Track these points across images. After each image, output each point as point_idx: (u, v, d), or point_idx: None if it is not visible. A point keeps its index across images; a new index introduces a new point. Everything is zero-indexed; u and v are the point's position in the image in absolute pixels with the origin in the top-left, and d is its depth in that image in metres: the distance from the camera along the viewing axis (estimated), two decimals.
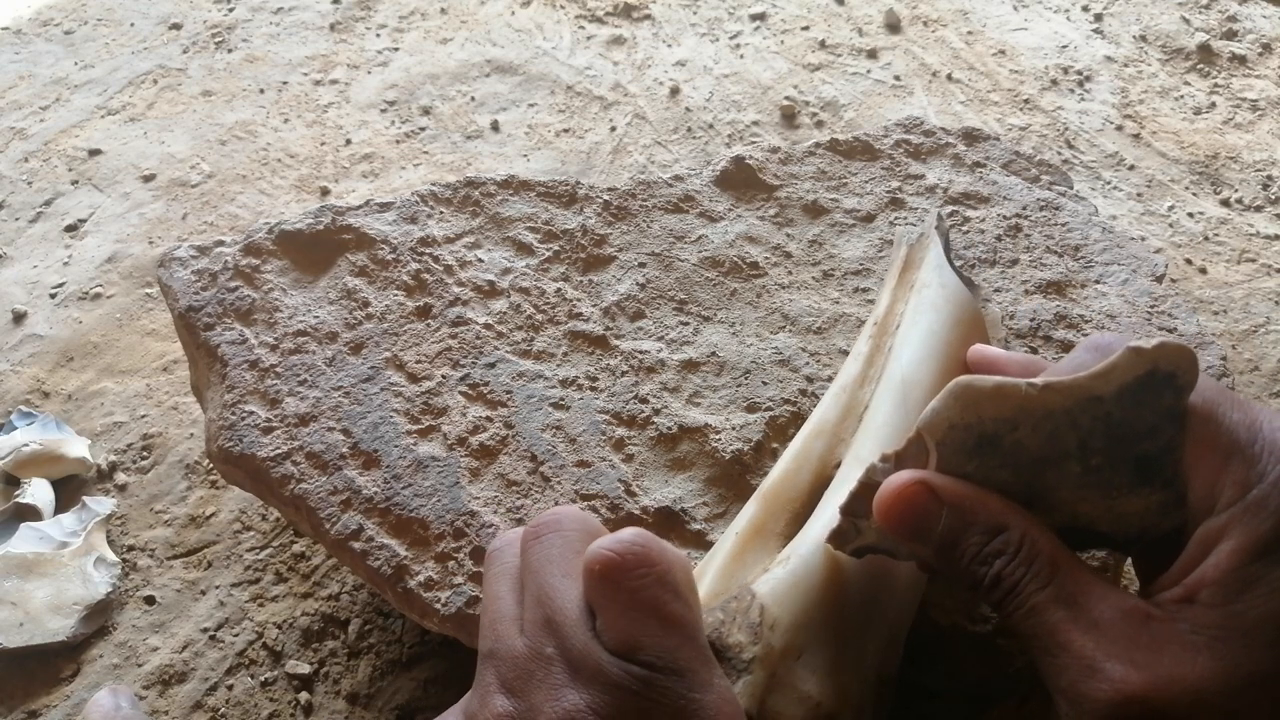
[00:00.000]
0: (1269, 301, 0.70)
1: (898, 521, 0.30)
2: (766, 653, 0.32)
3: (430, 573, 0.39)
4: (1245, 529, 0.26)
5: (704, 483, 0.43)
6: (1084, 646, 0.26)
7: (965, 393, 0.29)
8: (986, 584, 0.28)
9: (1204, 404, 0.28)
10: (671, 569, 0.27)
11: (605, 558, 0.27)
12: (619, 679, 0.25)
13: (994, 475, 0.30)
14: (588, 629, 0.26)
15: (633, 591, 0.26)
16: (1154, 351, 0.28)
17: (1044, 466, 0.29)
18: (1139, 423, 0.29)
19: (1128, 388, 0.28)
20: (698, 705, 0.25)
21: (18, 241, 0.78)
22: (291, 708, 0.48)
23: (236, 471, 0.44)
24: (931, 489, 0.29)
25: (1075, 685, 0.26)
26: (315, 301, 0.49)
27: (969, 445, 0.30)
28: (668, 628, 0.26)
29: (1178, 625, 0.26)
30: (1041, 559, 0.28)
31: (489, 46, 1.01)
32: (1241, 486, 0.26)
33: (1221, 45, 0.98)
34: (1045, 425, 0.29)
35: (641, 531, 0.28)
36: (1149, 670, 0.25)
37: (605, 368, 0.47)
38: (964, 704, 0.40)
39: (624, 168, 0.84)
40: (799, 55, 0.99)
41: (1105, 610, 0.26)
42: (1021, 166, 0.60)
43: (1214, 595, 0.26)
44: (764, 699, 0.31)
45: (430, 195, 0.54)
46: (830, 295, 0.51)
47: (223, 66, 0.98)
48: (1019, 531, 0.28)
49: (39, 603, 0.51)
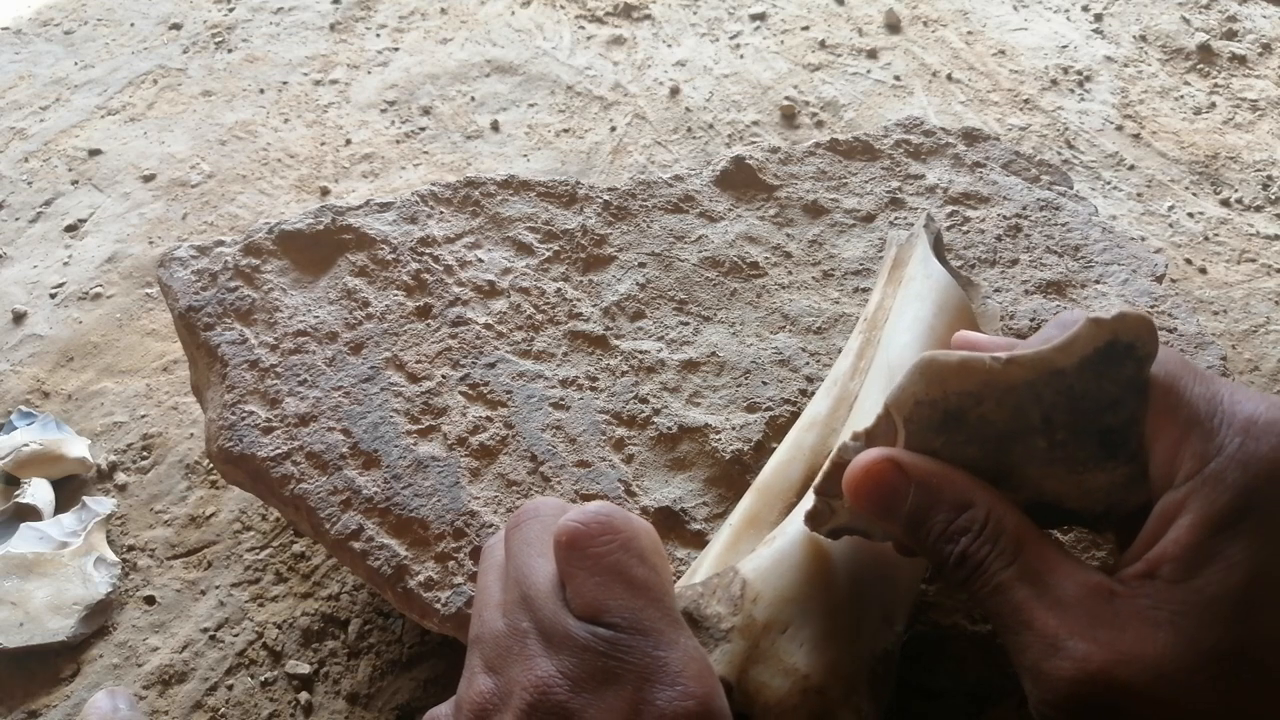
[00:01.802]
0: (1269, 301, 0.70)
1: (866, 499, 0.30)
2: (747, 624, 0.32)
3: (430, 573, 0.39)
4: (1203, 503, 0.26)
5: (704, 483, 0.43)
6: (1047, 624, 0.26)
7: (930, 368, 0.29)
8: (952, 562, 0.28)
9: (1165, 376, 0.28)
10: (637, 536, 0.28)
11: (571, 528, 0.28)
12: (585, 641, 0.26)
13: (961, 452, 0.30)
14: (558, 600, 0.27)
15: (597, 558, 0.27)
16: (1113, 322, 0.28)
17: (1010, 442, 0.29)
18: (1101, 395, 0.28)
19: (1089, 359, 0.28)
20: (662, 662, 0.26)
21: (18, 241, 0.78)
22: (291, 708, 0.48)
23: (236, 471, 0.44)
24: (899, 465, 0.29)
25: (1038, 663, 0.26)
26: (315, 301, 0.49)
27: (935, 421, 0.30)
28: (633, 590, 0.27)
29: (1139, 601, 0.26)
30: (1006, 536, 0.28)
31: (489, 46, 1.01)
32: (1200, 459, 0.26)
33: (1221, 45, 0.98)
34: (1009, 400, 0.29)
35: (607, 504, 0.29)
36: (1111, 647, 0.25)
37: (605, 368, 0.47)
38: (964, 704, 0.40)
39: (624, 168, 0.84)
40: (799, 55, 0.99)
41: (1069, 587, 0.26)
42: (1021, 166, 0.60)
43: (1173, 571, 0.26)
44: (745, 669, 0.31)
45: (430, 195, 0.54)
46: (830, 295, 0.51)
47: (223, 66, 0.98)
48: (984, 509, 0.28)
49: (39, 603, 0.51)
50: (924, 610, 0.41)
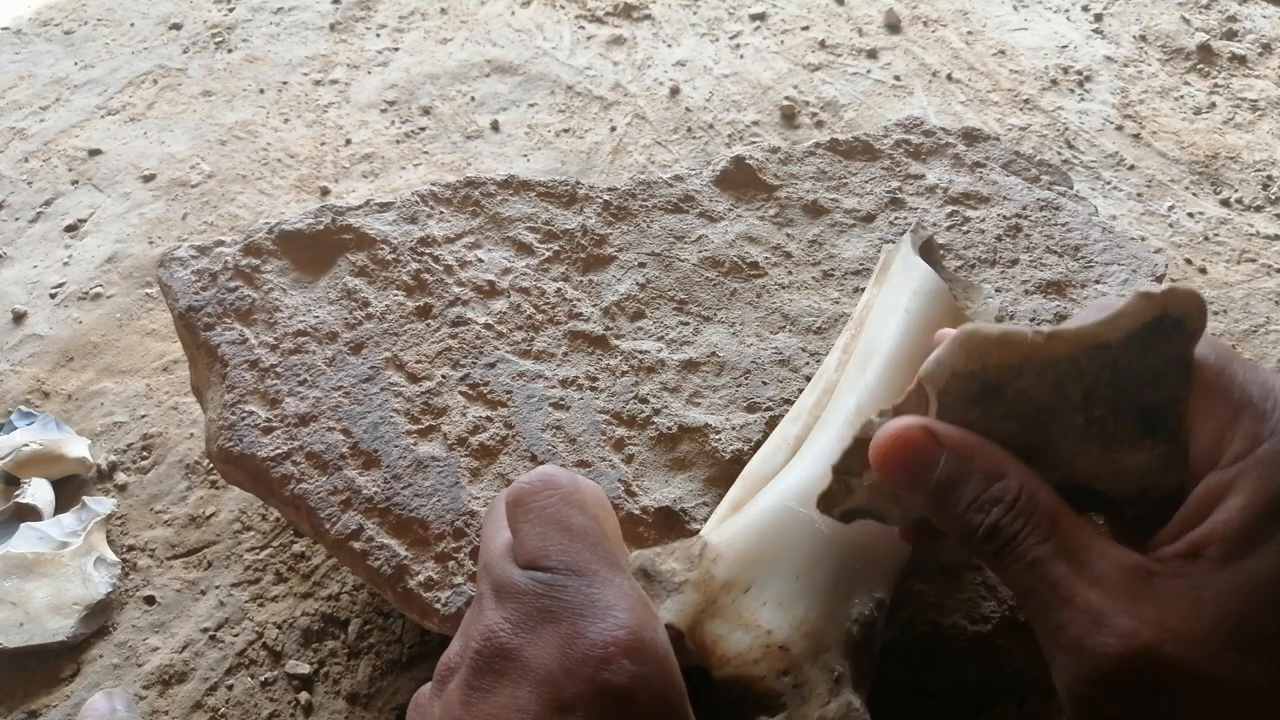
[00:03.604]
0: (1269, 301, 0.70)
1: (895, 466, 0.29)
2: (704, 579, 0.32)
3: (430, 573, 0.39)
4: (1256, 484, 0.25)
5: (704, 483, 0.43)
6: (1090, 600, 0.26)
7: (970, 340, 0.29)
8: (983, 533, 0.28)
9: (1216, 359, 0.28)
10: (579, 490, 0.30)
11: (517, 488, 0.30)
12: (525, 586, 0.27)
13: (996, 426, 0.29)
14: (508, 558, 0.29)
15: (539, 510, 0.29)
16: (1163, 296, 0.28)
17: (1047, 417, 0.29)
18: (1145, 370, 0.28)
19: (1135, 334, 0.28)
20: (595, 598, 0.27)
21: (18, 241, 0.78)
22: (291, 708, 0.48)
23: (236, 471, 0.44)
24: (931, 433, 0.29)
25: (1080, 639, 0.26)
26: (315, 301, 0.49)
27: (972, 394, 0.29)
28: (571, 536, 0.28)
29: (1181, 580, 0.25)
30: (1041, 511, 0.27)
31: (489, 46, 1.01)
32: (1252, 441, 0.26)
33: (1221, 45, 0.98)
34: (1050, 374, 0.29)
35: (553, 466, 0.31)
36: (1156, 624, 0.25)
37: (605, 368, 0.47)
38: (964, 704, 0.40)
39: (624, 168, 0.84)
40: (799, 55, 0.99)
41: (1107, 566, 0.26)
42: (1021, 166, 0.60)
43: (1222, 551, 0.25)
44: (699, 621, 0.32)
45: (430, 195, 0.54)
46: (830, 295, 0.51)
47: (223, 66, 0.98)
48: (1018, 481, 0.28)
49: (39, 603, 0.51)
50: (924, 610, 0.41)
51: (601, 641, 0.26)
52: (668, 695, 0.26)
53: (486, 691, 0.26)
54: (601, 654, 0.25)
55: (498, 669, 0.26)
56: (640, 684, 0.25)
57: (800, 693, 0.31)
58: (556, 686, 0.25)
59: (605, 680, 0.25)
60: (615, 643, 0.26)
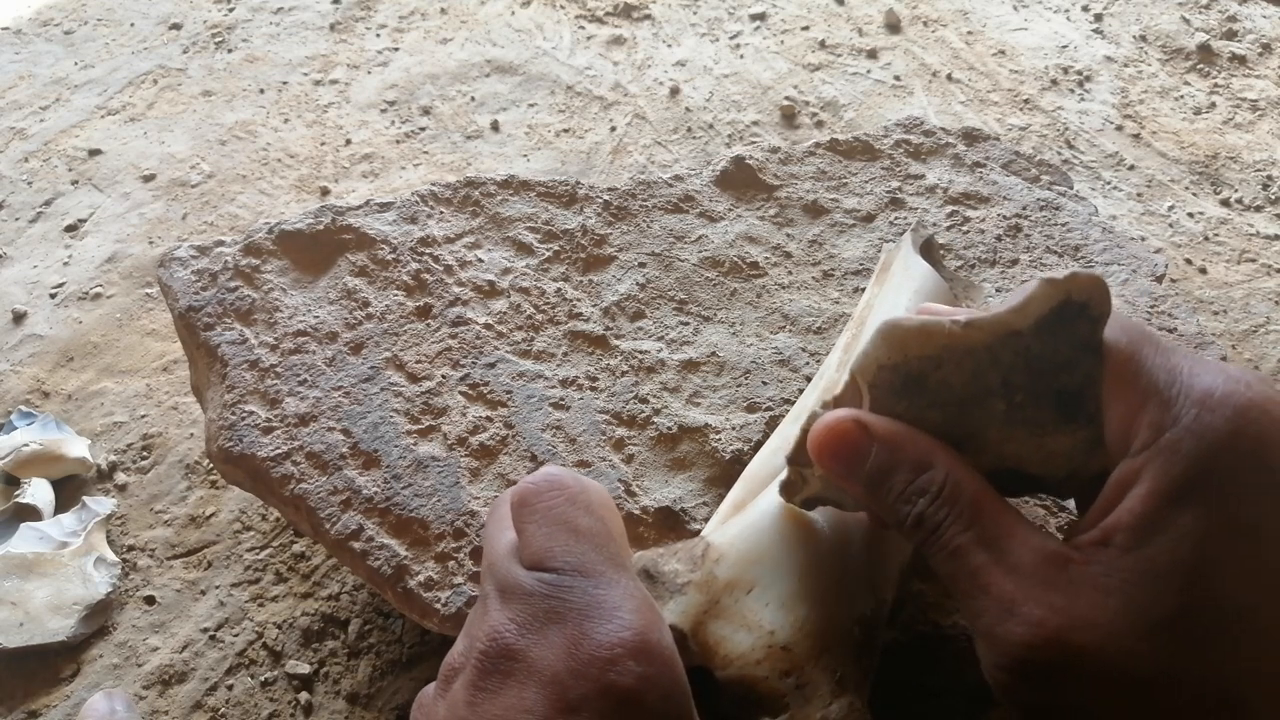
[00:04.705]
0: (1269, 301, 0.70)
1: (829, 457, 0.30)
2: (706, 580, 0.32)
3: (430, 573, 0.39)
4: (1158, 472, 0.26)
5: (704, 483, 0.43)
6: (1003, 589, 0.26)
7: (891, 332, 0.30)
8: (909, 523, 0.29)
9: (1126, 344, 0.29)
10: (585, 491, 0.30)
11: (522, 488, 0.30)
12: (531, 587, 0.27)
13: (924, 416, 0.30)
14: (513, 559, 0.29)
15: (545, 511, 0.29)
16: (1065, 282, 0.28)
17: (970, 405, 0.29)
18: (1056, 356, 0.29)
19: (1044, 320, 0.28)
20: (601, 599, 0.27)
21: (18, 241, 0.78)
22: (291, 708, 0.48)
23: (236, 471, 0.44)
24: (862, 425, 0.30)
25: (992, 627, 0.26)
26: (315, 301, 0.49)
27: (897, 386, 0.30)
28: (576, 537, 0.28)
29: (1092, 568, 0.26)
30: (964, 500, 0.28)
31: (489, 46, 1.01)
32: (1156, 429, 0.26)
33: (1221, 45, 0.98)
34: (968, 363, 0.29)
35: (558, 466, 0.30)
36: (1064, 612, 0.25)
37: (605, 368, 0.47)
38: (964, 704, 0.40)
39: (624, 168, 0.84)
40: (799, 55, 0.99)
41: (1025, 553, 0.27)
42: (1021, 166, 0.60)
43: (1126, 539, 0.26)
44: (702, 621, 0.32)
45: (430, 195, 0.54)
46: (830, 295, 0.51)
47: (223, 66, 0.98)
48: (943, 470, 0.29)
49: (39, 603, 0.51)
50: (924, 610, 0.41)
51: (608, 643, 0.26)
52: (673, 696, 0.26)
53: (492, 692, 0.26)
54: (608, 655, 0.26)
55: (503, 670, 0.26)
56: (646, 685, 0.26)
57: (803, 693, 0.31)
58: (563, 687, 0.25)
59: (612, 681, 0.25)
60: (622, 644, 0.26)
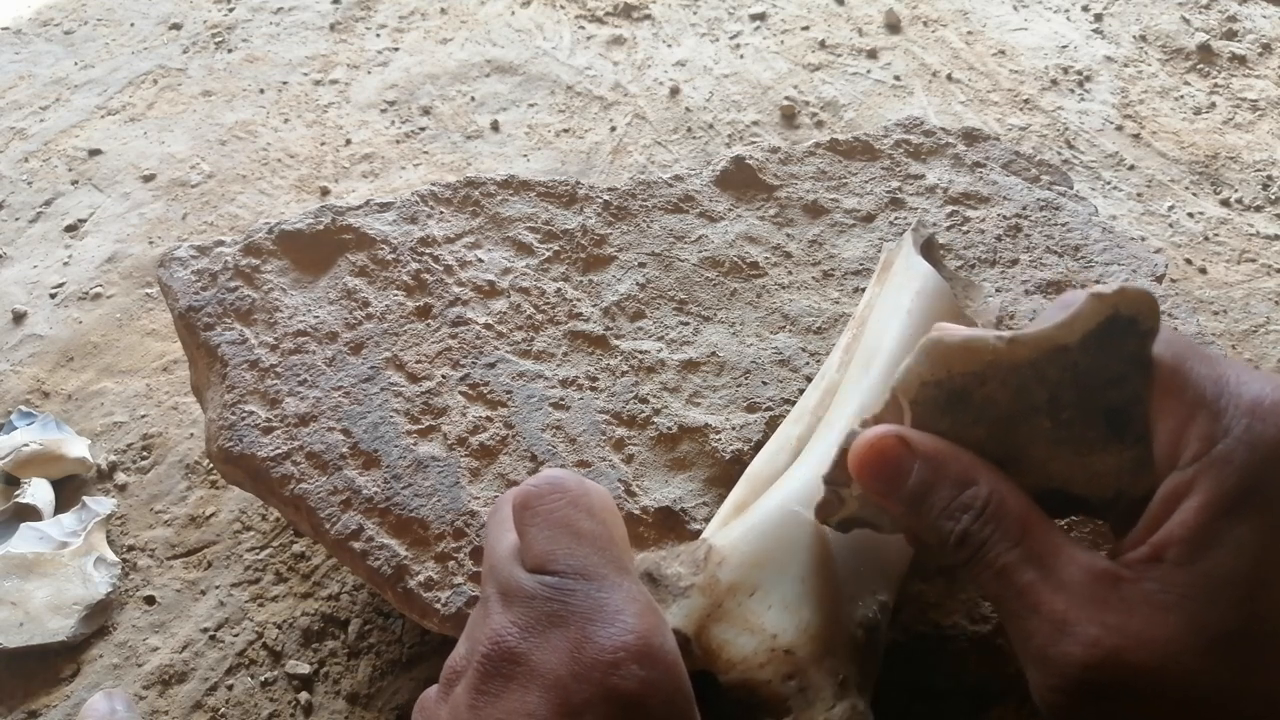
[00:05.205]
0: (1269, 301, 0.70)
1: (871, 475, 0.30)
2: (709, 583, 0.32)
3: (430, 573, 0.39)
4: (1210, 485, 0.25)
5: (704, 483, 0.43)
6: (1054, 607, 0.26)
7: (935, 349, 0.29)
8: (953, 540, 0.28)
9: (1171, 358, 0.28)
10: (587, 494, 0.30)
11: (524, 491, 0.30)
12: (533, 590, 0.27)
13: (968, 433, 0.29)
14: (515, 561, 0.29)
15: (547, 514, 0.29)
16: (1114, 296, 0.28)
17: (1016, 422, 0.29)
18: (1105, 371, 0.28)
19: (1091, 335, 0.28)
20: (603, 603, 0.27)
21: (18, 241, 0.78)
22: (291, 708, 0.48)
23: (236, 471, 0.44)
24: (904, 441, 0.29)
25: (1045, 648, 0.26)
26: (315, 301, 0.49)
27: (941, 402, 0.29)
28: (579, 540, 0.28)
29: (1146, 585, 0.25)
30: (1010, 518, 0.27)
31: (489, 46, 1.01)
32: (1207, 441, 0.26)
33: (1221, 45, 0.98)
34: (1013, 379, 0.29)
35: (560, 469, 0.31)
36: (1120, 630, 0.25)
37: (605, 368, 0.47)
38: (964, 704, 0.40)
39: (624, 168, 0.84)
40: (799, 55, 0.99)
41: (1075, 572, 0.26)
42: (1021, 166, 0.60)
43: (1180, 554, 0.25)
44: (705, 625, 0.32)
45: (430, 195, 0.54)
46: (830, 295, 0.51)
47: (223, 66, 0.98)
48: (987, 487, 0.28)
49: (39, 603, 0.51)
50: (924, 610, 0.41)
51: (611, 646, 0.26)
52: (676, 700, 0.26)
53: (494, 696, 0.26)
54: (611, 659, 0.25)
55: (506, 673, 0.26)
56: (649, 689, 0.25)
57: (805, 697, 0.31)
58: (565, 691, 0.25)
59: (614, 685, 0.25)
60: (625, 648, 0.26)
